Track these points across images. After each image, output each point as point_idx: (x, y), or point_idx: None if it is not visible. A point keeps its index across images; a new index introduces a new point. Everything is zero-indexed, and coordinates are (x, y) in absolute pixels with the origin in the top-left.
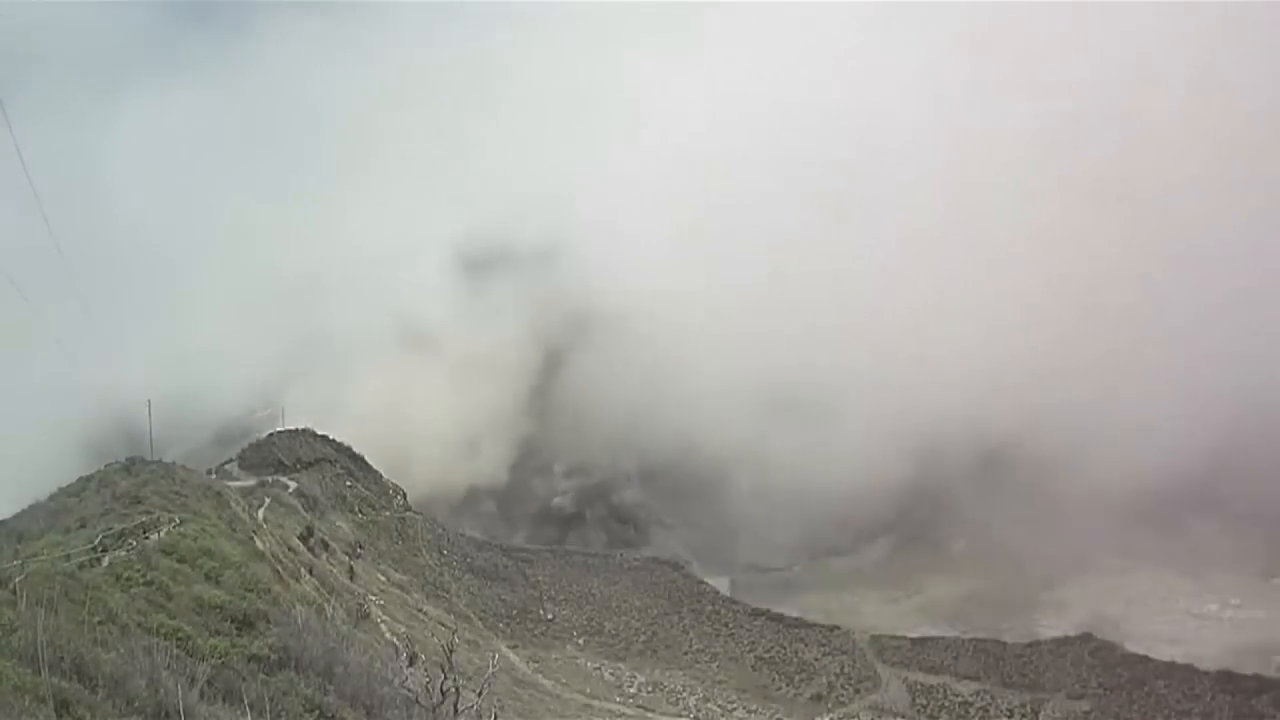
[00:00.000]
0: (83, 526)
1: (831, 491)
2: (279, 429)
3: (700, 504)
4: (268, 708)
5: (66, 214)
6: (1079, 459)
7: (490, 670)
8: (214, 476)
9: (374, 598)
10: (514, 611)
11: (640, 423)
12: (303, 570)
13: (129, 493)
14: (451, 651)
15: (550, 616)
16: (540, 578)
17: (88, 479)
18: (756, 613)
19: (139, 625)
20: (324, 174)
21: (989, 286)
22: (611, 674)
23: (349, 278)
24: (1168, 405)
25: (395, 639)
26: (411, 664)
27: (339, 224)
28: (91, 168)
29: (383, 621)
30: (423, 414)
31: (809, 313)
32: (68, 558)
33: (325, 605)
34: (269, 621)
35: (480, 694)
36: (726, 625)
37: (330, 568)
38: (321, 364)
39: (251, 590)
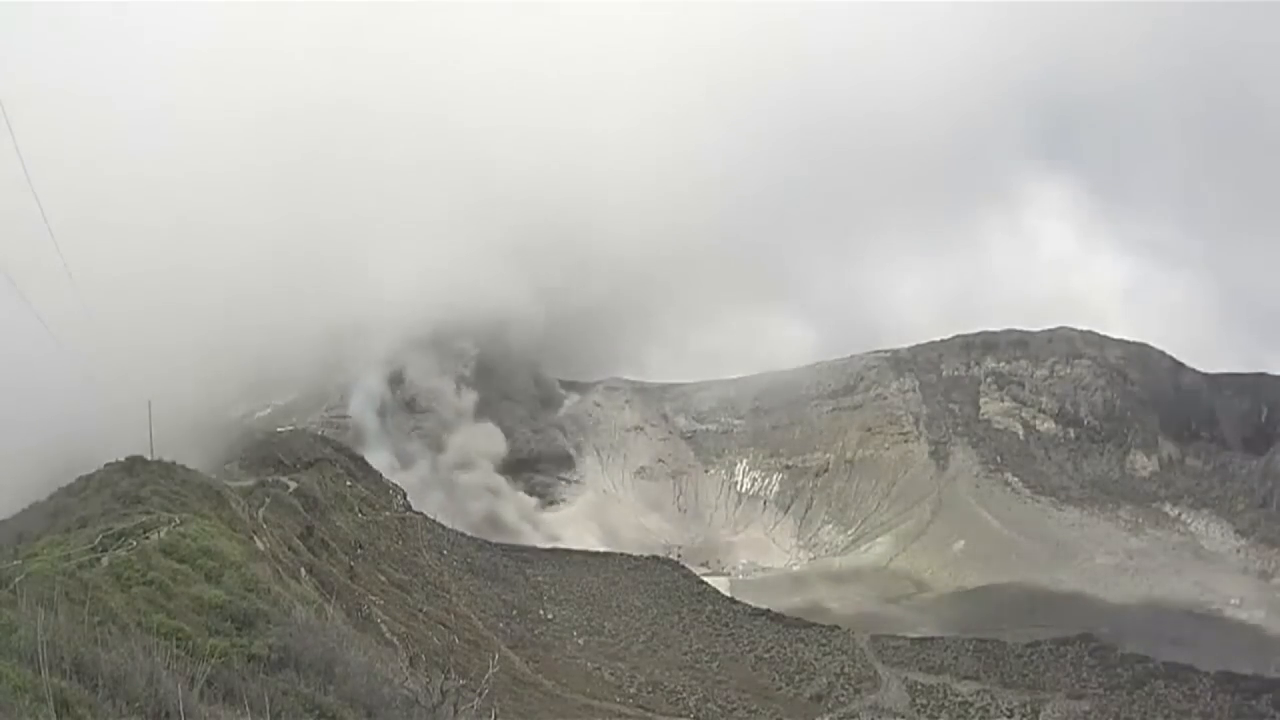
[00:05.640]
0: (83, 526)
1: None
2: (279, 429)
3: None
4: (268, 708)
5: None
6: None
7: (490, 670)
8: (214, 476)
9: (374, 598)
10: (514, 611)
11: None
12: (303, 570)
13: (129, 493)
14: (451, 651)
15: (550, 616)
16: (540, 578)
17: (88, 479)
18: (756, 613)
19: (139, 625)
20: None
21: None
22: (611, 674)
23: None
24: None
25: (395, 639)
26: (411, 664)
27: None
28: None
29: (383, 621)
30: None
31: None
32: (68, 558)
33: (325, 605)
34: (269, 621)
35: (480, 694)
36: (726, 625)
37: (330, 568)
38: None
39: (251, 590)
